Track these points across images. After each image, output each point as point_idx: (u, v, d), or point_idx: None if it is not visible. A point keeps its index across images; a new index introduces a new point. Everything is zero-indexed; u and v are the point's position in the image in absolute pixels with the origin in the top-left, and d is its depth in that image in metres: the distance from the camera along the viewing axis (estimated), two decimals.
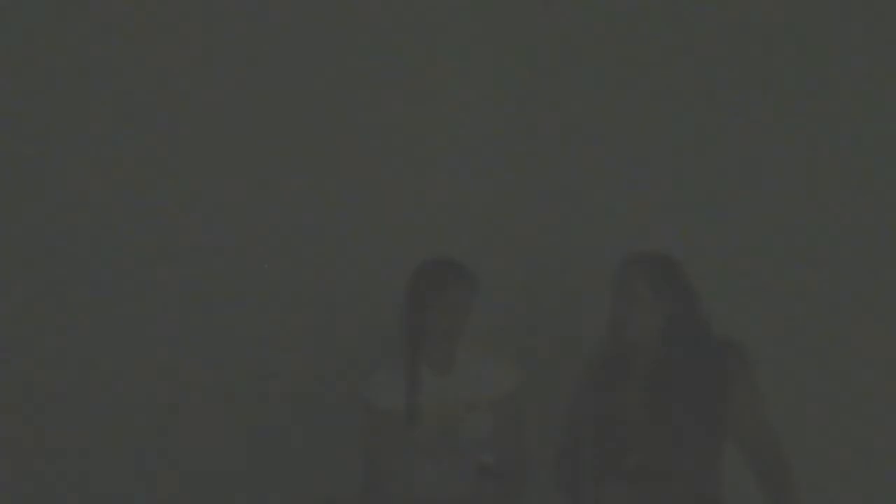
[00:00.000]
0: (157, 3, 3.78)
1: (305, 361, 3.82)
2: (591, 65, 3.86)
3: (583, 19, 3.86)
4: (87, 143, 3.78)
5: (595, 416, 3.02)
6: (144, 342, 3.80)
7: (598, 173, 3.87)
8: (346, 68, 3.85)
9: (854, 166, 3.76)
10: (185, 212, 3.81)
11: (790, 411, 3.56)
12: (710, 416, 2.93)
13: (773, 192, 3.80)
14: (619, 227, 3.84)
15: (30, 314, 3.77)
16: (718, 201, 3.82)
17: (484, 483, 3.01)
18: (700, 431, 2.94)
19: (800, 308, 3.77)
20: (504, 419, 3.15)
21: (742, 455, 2.95)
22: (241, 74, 3.82)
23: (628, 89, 3.85)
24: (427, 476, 3.10)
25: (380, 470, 3.10)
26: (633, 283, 2.96)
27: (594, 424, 3.02)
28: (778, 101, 3.78)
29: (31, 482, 3.77)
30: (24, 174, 3.77)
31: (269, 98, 3.83)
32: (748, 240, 3.79)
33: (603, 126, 3.87)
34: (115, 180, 3.79)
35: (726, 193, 3.82)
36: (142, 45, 3.78)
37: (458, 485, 3.11)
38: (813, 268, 3.77)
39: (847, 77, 3.75)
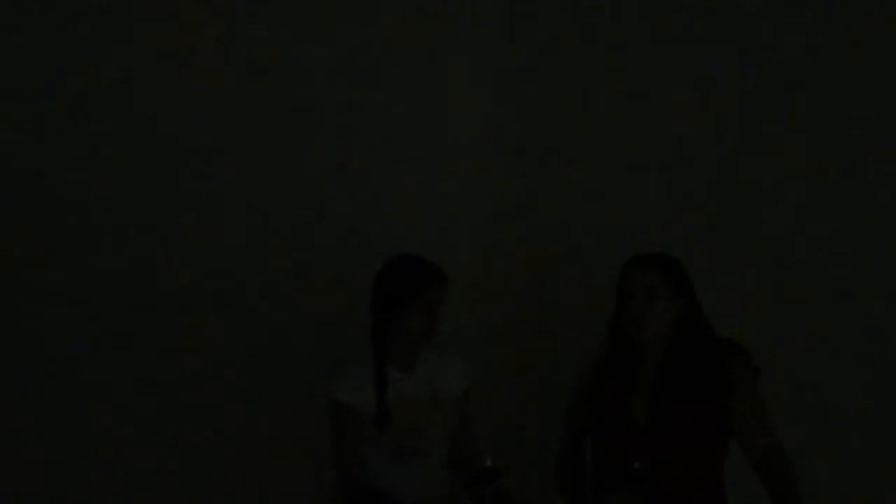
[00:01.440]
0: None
1: (304, 361, 3.83)
2: (592, 64, 3.86)
3: (584, 20, 3.87)
4: (87, 143, 3.79)
5: (597, 417, 3.02)
6: (143, 342, 3.80)
7: (598, 173, 3.88)
8: (345, 67, 3.85)
9: (854, 165, 3.78)
10: (184, 211, 3.81)
11: (789, 411, 3.58)
12: (713, 418, 2.94)
13: (773, 191, 3.81)
14: (618, 228, 3.84)
15: (29, 314, 3.78)
16: (718, 201, 3.83)
17: (486, 487, 3.03)
18: (703, 433, 2.94)
19: (798, 308, 3.79)
20: (460, 417, 3.18)
21: (746, 456, 2.96)
22: (239, 73, 3.82)
23: (628, 88, 3.85)
24: (396, 476, 3.11)
25: (349, 467, 3.10)
26: (651, 281, 2.96)
27: (597, 426, 3.02)
28: (778, 99, 3.79)
29: (29, 482, 3.78)
30: (24, 174, 3.77)
31: (270, 98, 3.83)
32: (747, 239, 3.81)
33: (603, 126, 3.87)
34: (113, 180, 3.79)
35: (726, 193, 3.83)
36: (144, 43, 3.79)
37: (427, 484, 3.12)
38: (812, 267, 3.79)
39: (848, 76, 3.76)
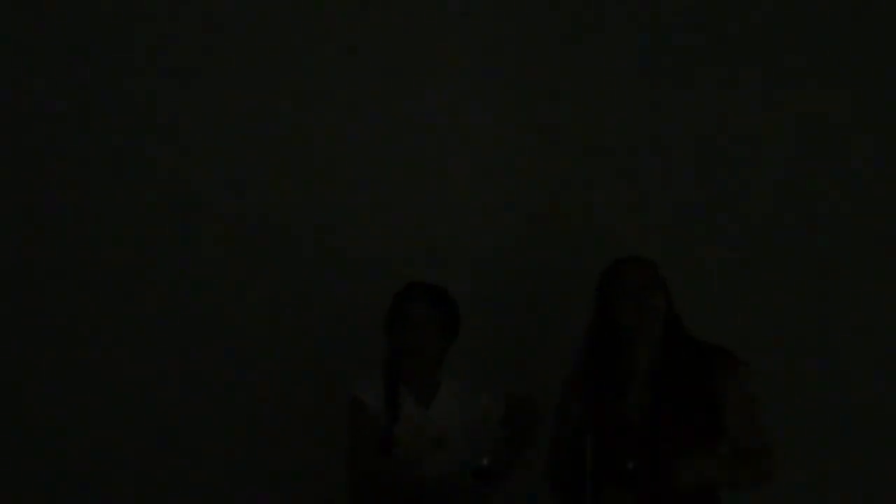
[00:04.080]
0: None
1: (305, 362, 3.83)
2: (594, 66, 3.86)
3: (584, 20, 3.86)
4: (87, 143, 3.80)
5: (593, 416, 3.02)
6: (144, 342, 3.81)
7: (599, 174, 3.88)
8: (344, 68, 3.86)
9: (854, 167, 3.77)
10: (186, 212, 3.82)
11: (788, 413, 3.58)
12: (705, 420, 2.94)
13: (772, 192, 3.80)
14: (618, 229, 3.84)
15: (29, 314, 3.80)
16: (718, 204, 3.83)
17: (480, 486, 3.05)
18: (695, 432, 2.95)
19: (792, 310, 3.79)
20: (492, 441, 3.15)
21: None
22: (241, 74, 3.82)
23: (629, 89, 3.85)
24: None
25: (361, 458, 3.13)
26: (648, 277, 3.01)
27: (593, 427, 3.01)
28: (777, 101, 3.78)
29: (30, 482, 3.79)
30: (24, 173, 3.78)
31: (271, 99, 3.83)
32: (746, 241, 3.80)
33: (604, 128, 3.86)
34: (113, 180, 3.80)
35: (723, 197, 3.82)
36: (152, 49, 3.80)
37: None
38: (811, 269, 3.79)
39: (847, 77, 3.75)
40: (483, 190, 3.87)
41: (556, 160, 3.86)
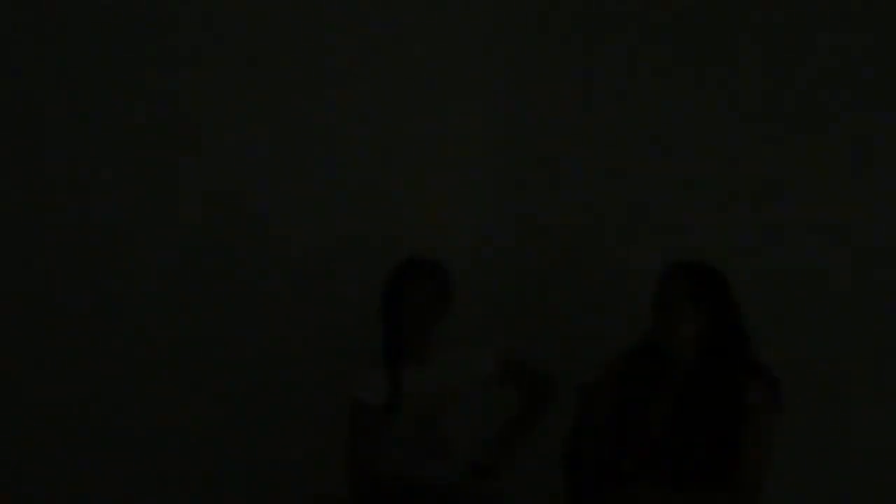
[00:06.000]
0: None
1: (303, 361, 3.84)
2: (595, 63, 3.86)
3: (584, 19, 3.87)
4: (88, 142, 3.81)
5: (617, 421, 3.01)
6: (144, 342, 3.82)
7: (602, 173, 3.88)
8: (344, 66, 3.87)
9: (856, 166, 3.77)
10: (185, 210, 3.83)
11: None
12: (727, 438, 2.91)
13: (775, 193, 3.80)
14: (620, 229, 3.85)
15: (30, 313, 3.81)
16: (722, 200, 3.82)
17: (475, 481, 3.06)
18: (717, 452, 2.92)
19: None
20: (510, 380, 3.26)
21: None
22: (241, 72, 3.83)
23: (629, 88, 3.85)
24: (414, 471, 3.15)
25: (362, 458, 3.14)
26: (675, 291, 2.95)
27: (615, 431, 2.99)
28: (777, 100, 3.78)
29: (30, 482, 3.80)
30: (25, 173, 3.79)
31: (270, 97, 3.85)
32: (745, 242, 3.80)
33: (606, 125, 3.87)
34: (113, 179, 3.81)
35: (730, 192, 3.82)
36: (146, 42, 3.81)
37: (438, 471, 3.15)
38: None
39: (850, 77, 3.75)
40: (480, 189, 3.89)
41: (553, 157, 3.88)
